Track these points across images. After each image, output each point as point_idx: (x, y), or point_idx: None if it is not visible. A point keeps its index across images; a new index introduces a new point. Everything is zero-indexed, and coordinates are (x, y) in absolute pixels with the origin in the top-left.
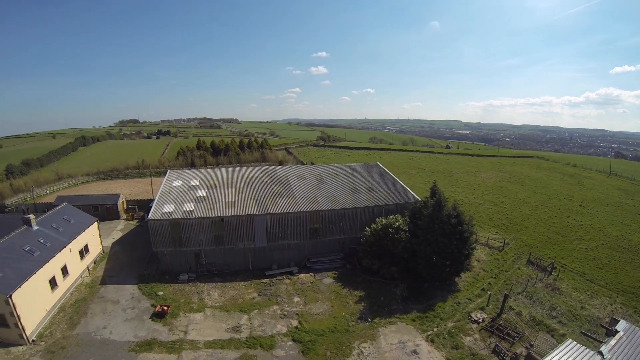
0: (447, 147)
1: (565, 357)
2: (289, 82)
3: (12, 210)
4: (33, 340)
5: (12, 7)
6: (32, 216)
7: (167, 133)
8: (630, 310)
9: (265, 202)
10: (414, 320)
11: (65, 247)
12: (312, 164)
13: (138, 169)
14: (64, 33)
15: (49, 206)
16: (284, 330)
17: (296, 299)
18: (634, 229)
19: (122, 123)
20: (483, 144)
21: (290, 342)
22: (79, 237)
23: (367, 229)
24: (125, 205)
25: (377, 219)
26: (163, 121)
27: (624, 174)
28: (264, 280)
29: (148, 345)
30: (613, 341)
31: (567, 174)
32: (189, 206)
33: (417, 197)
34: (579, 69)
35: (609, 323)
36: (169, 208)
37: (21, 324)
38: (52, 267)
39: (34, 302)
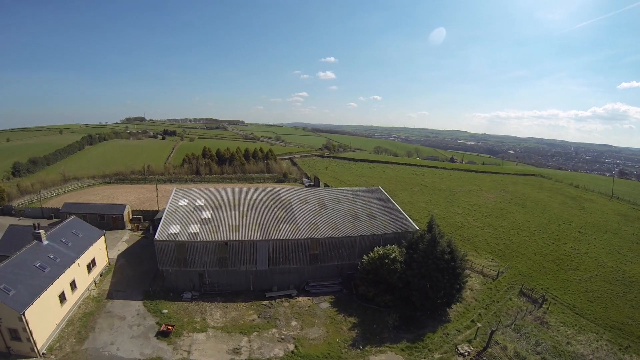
0: (452, 159)
1: None
2: (296, 85)
3: (21, 211)
4: (43, 354)
5: (21, 1)
6: (42, 231)
7: (173, 133)
8: (615, 348)
9: (268, 227)
10: (402, 350)
11: (74, 262)
12: (316, 177)
13: (143, 175)
14: (72, 29)
15: (56, 212)
16: (281, 354)
17: (293, 323)
18: (630, 259)
19: (129, 120)
20: (488, 155)
21: None
22: (87, 252)
23: (365, 257)
24: (130, 216)
25: (375, 248)
26: (169, 120)
27: (626, 196)
28: (264, 302)
29: None
30: None
31: (568, 196)
32: (194, 228)
33: (416, 226)
34: (586, 83)
35: None
36: (175, 229)
37: (33, 338)
38: (61, 283)
39: (45, 317)
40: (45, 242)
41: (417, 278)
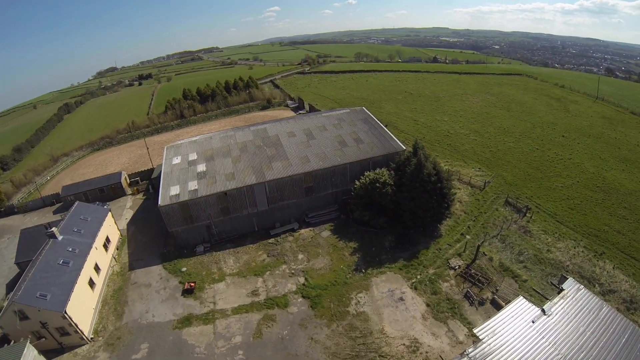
0: (435, 58)
1: (514, 313)
2: (266, 0)
3: (23, 206)
4: (92, 338)
5: None
6: (55, 229)
7: (149, 76)
8: (591, 254)
9: (262, 168)
10: (400, 269)
11: (92, 247)
12: (300, 98)
13: (130, 132)
14: None
15: (57, 197)
16: (294, 288)
17: (300, 256)
18: (611, 165)
19: (101, 74)
20: (472, 52)
21: (301, 299)
22: (100, 233)
23: (357, 182)
24: (128, 180)
25: (366, 173)
26: (142, 63)
27: (611, 97)
28: (270, 241)
29: (187, 320)
30: (557, 299)
31: (554, 97)
32: (192, 185)
33: (402, 145)
34: None
35: (559, 280)
36: (175, 190)
37: (79, 329)
38: (87, 271)
39: (83, 306)
40: (60, 238)
41: (407, 200)
